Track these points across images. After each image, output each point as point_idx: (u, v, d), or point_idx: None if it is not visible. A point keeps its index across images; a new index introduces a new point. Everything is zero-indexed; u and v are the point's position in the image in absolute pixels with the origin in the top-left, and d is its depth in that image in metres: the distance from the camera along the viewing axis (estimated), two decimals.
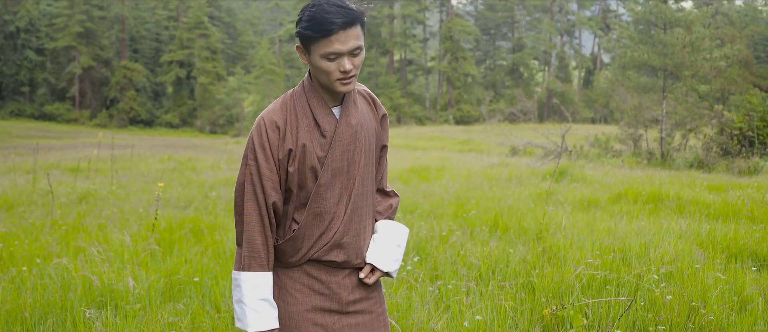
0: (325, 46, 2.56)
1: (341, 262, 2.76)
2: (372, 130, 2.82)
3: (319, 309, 2.78)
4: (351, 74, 2.61)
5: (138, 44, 75.67)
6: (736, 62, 29.51)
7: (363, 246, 2.81)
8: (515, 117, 55.06)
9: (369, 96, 2.90)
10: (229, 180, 15.10)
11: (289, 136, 2.67)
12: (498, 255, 6.40)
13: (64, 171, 17.86)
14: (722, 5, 62.10)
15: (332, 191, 2.70)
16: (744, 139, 21.58)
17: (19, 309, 5.04)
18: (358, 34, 2.59)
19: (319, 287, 2.78)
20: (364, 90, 2.90)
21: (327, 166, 2.68)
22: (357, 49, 2.60)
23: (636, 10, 24.82)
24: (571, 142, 28.31)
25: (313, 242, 2.73)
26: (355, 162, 2.73)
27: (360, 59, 2.63)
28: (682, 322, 4.79)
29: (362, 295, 2.83)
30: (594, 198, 10.98)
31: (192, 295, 5.54)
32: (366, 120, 2.80)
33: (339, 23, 2.52)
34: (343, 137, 2.69)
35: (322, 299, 2.78)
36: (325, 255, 2.74)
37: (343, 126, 2.70)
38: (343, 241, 2.74)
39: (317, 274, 2.77)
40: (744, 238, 7.28)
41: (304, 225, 2.71)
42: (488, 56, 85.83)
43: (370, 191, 2.83)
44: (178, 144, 39.49)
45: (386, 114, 2.93)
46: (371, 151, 2.80)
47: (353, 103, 2.77)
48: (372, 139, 2.81)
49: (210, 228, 8.32)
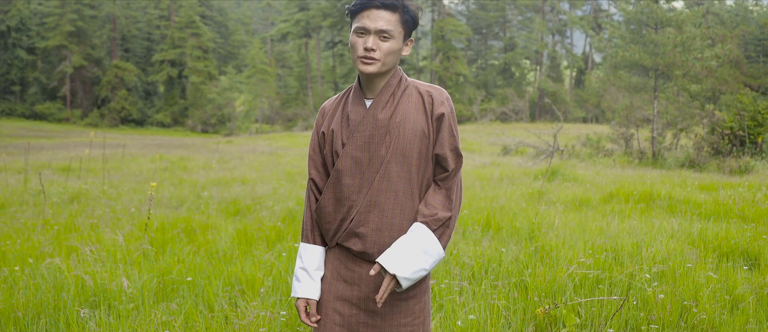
0: (357, 21, 2.72)
1: (358, 252, 2.81)
2: (415, 130, 2.77)
3: (341, 297, 2.86)
4: (373, 55, 2.70)
5: (129, 43, 75.49)
6: (727, 62, 29.64)
7: (389, 244, 2.78)
8: (507, 116, 55.19)
9: (429, 95, 2.84)
10: (221, 179, 15.08)
11: (328, 120, 2.89)
12: (490, 255, 6.41)
13: (55, 170, 17.81)
14: (713, 5, 62.28)
15: (352, 179, 2.78)
16: (735, 138, 21.65)
17: (11, 309, 5.03)
18: (391, 20, 2.70)
19: (345, 273, 2.86)
20: (426, 89, 2.87)
21: (346, 152, 2.77)
22: (385, 32, 2.69)
23: (627, 9, 24.89)
24: (563, 141, 28.38)
25: (336, 226, 2.84)
26: (380, 156, 2.76)
27: (388, 46, 2.71)
28: (674, 321, 4.81)
29: (385, 299, 2.82)
30: (586, 197, 11.01)
31: (185, 295, 5.54)
32: (408, 119, 2.77)
33: (375, 2, 2.67)
34: (366, 128, 2.76)
35: (346, 287, 2.85)
36: (346, 242, 2.83)
37: (369, 118, 2.77)
38: (360, 231, 2.78)
39: (345, 261, 2.86)
40: (735, 237, 7.31)
41: (325, 205, 2.85)
42: (480, 56, 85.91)
43: (404, 191, 2.77)
44: (169, 143, 39.40)
45: (445, 113, 2.80)
46: (409, 151, 2.76)
47: (391, 96, 2.80)
48: (413, 139, 2.76)
49: (202, 227, 8.31)
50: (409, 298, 2.85)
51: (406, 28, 2.75)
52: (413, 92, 2.84)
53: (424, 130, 2.79)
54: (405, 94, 2.82)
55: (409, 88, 2.84)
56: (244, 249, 7.18)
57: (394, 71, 2.83)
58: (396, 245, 2.69)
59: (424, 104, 2.82)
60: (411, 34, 2.81)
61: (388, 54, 2.70)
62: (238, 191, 12.49)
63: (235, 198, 11.32)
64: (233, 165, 20.62)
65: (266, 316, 4.83)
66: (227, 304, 5.26)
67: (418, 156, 2.79)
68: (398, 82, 2.83)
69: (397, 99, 2.80)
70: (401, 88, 2.83)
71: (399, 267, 2.64)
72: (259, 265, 6.24)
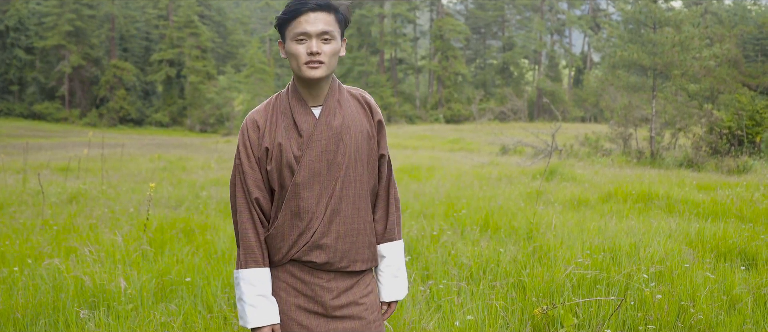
0: (294, 27, 2.65)
1: (322, 264, 2.76)
2: (362, 133, 2.80)
3: (303, 309, 2.79)
4: (318, 58, 2.66)
5: (128, 43, 75.40)
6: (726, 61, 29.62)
7: (350, 250, 2.79)
8: (505, 116, 55.20)
9: (363, 99, 2.89)
10: (220, 179, 15.09)
11: (267, 135, 2.75)
12: (489, 255, 6.43)
13: (54, 170, 17.80)
14: (712, 4, 62.32)
15: (310, 191, 2.72)
16: (733, 137, 21.68)
17: (11, 309, 5.04)
18: (329, 21, 2.66)
19: (303, 288, 2.80)
20: (358, 93, 2.90)
21: (303, 165, 2.71)
22: (326, 34, 2.65)
23: (626, 9, 24.91)
24: (561, 141, 28.39)
25: (293, 241, 2.75)
26: (337, 163, 2.74)
27: (331, 48, 2.68)
28: (672, 321, 4.83)
29: (351, 300, 2.82)
30: (584, 197, 11.03)
31: (184, 295, 5.55)
32: (355, 123, 2.79)
33: (309, 5, 2.62)
34: (322, 138, 2.72)
35: (306, 300, 2.80)
36: (306, 256, 2.75)
37: (322, 126, 2.73)
38: (323, 242, 2.74)
39: (300, 275, 2.80)
40: (733, 237, 7.33)
41: (282, 223, 2.75)
42: (478, 55, 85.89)
43: (359, 194, 2.80)
44: (168, 143, 39.40)
45: (382, 120, 2.91)
46: (360, 154, 2.78)
47: (338, 103, 2.78)
48: (363, 142, 2.79)
49: (201, 228, 8.32)
50: (369, 293, 2.89)
51: (341, 28, 2.73)
52: (348, 96, 2.85)
53: (369, 132, 2.83)
54: (345, 99, 2.83)
55: (344, 92, 2.85)
56: None
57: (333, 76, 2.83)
58: (392, 277, 2.96)
59: (364, 109, 2.86)
60: (344, 32, 2.77)
61: (332, 56, 2.69)
62: None
63: None
64: (232, 165, 20.60)
65: None
66: (226, 305, 5.27)
67: (368, 158, 2.82)
68: (338, 87, 2.83)
69: (344, 104, 2.80)
70: (342, 93, 2.83)
71: (403, 290, 3.00)
72: None
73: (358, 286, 2.85)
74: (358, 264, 2.83)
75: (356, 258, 2.81)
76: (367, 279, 2.90)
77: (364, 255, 2.84)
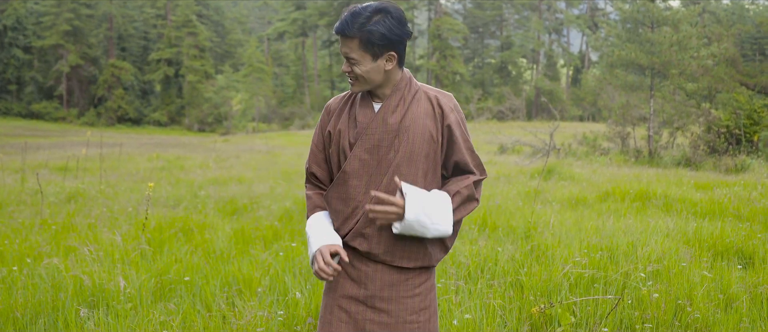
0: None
1: (364, 252, 2.84)
2: (423, 135, 2.79)
3: (347, 295, 2.88)
4: (350, 77, 2.79)
5: (126, 42, 75.38)
6: (723, 60, 29.70)
7: (395, 245, 2.82)
8: (503, 115, 55.22)
9: (436, 101, 2.87)
10: (218, 178, 15.09)
11: (335, 119, 2.92)
12: (487, 254, 6.44)
13: (52, 170, 17.79)
14: (709, 4, 62.35)
15: (358, 180, 2.81)
16: (731, 137, 21.69)
17: (10, 309, 5.05)
18: (352, 47, 2.71)
19: (352, 271, 2.89)
20: (434, 94, 2.89)
21: (353, 155, 2.80)
22: (351, 58, 2.73)
23: (624, 8, 24.92)
24: (560, 140, 28.40)
25: (341, 224, 2.88)
26: (388, 160, 2.78)
27: (358, 69, 2.74)
28: (669, 320, 4.85)
29: (394, 295, 2.85)
30: (582, 196, 11.04)
31: (183, 295, 5.56)
32: (417, 123, 2.80)
33: (336, 28, 2.73)
34: (375, 132, 2.79)
35: (353, 285, 2.88)
36: (351, 241, 2.85)
37: (378, 122, 2.80)
38: (365, 232, 2.82)
39: (352, 258, 2.89)
40: (730, 236, 7.34)
41: (332, 203, 2.90)
42: (477, 54, 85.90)
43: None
44: (166, 142, 39.40)
45: (452, 125, 2.84)
46: (416, 155, 2.79)
47: (401, 101, 2.82)
48: (422, 144, 2.79)
49: (200, 227, 8.33)
50: (415, 296, 2.88)
51: (372, 50, 2.71)
52: (422, 97, 2.86)
53: (432, 134, 2.81)
54: (415, 99, 2.84)
55: (419, 93, 2.86)
56: (242, 248, 7.20)
57: (401, 75, 2.85)
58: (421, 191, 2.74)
59: (434, 109, 2.85)
60: (385, 50, 2.73)
61: (364, 74, 2.75)
62: (235, 190, 12.51)
63: (232, 197, 11.34)
64: (230, 164, 20.63)
65: (264, 316, 4.85)
66: (225, 304, 5.29)
67: (426, 159, 2.82)
68: (408, 86, 2.85)
69: (408, 103, 2.82)
70: (411, 92, 2.85)
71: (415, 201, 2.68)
72: (256, 265, 6.26)
73: (405, 285, 2.87)
74: (404, 261, 2.85)
75: (402, 255, 2.84)
76: (417, 280, 2.89)
77: (411, 253, 2.85)
